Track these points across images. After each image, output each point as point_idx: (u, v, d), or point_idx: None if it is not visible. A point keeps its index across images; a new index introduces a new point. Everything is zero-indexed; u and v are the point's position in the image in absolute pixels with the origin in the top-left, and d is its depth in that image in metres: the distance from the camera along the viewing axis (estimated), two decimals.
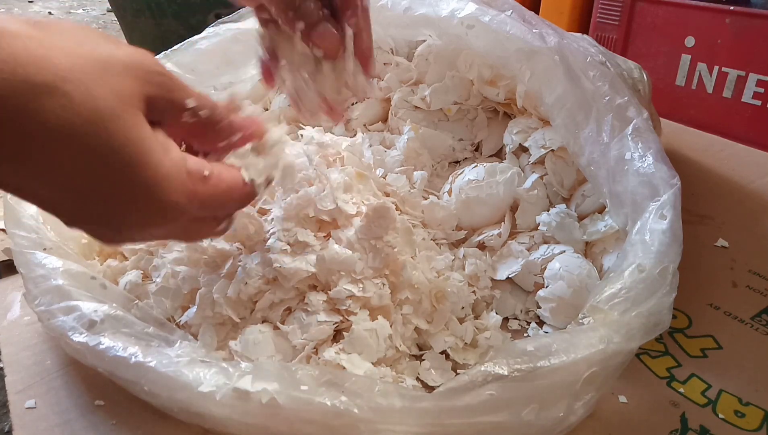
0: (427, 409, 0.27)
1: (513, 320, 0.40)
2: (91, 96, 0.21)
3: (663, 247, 0.32)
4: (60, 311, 0.33)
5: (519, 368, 0.27)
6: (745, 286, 0.44)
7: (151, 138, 0.23)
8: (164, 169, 0.23)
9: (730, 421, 0.33)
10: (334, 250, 0.34)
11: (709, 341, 0.39)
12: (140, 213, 0.24)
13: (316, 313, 0.33)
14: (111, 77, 0.22)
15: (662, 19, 0.72)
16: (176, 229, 0.26)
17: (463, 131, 0.50)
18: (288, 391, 0.27)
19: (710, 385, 0.36)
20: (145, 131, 0.23)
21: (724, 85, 0.68)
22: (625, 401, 0.34)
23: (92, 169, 0.22)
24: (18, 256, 0.36)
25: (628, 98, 0.38)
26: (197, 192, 0.25)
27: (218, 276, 0.35)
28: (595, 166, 0.39)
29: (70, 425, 0.33)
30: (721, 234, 0.49)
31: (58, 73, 0.21)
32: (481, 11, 0.41)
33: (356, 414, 0.26)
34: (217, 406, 0.28)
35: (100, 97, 0.22)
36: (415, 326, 0.36)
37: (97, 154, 0.22)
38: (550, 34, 0.40)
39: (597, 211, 0.43)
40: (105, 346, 0.30)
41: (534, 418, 0.27)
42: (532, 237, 0.42)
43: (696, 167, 0.59)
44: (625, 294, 0.30)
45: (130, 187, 0.23)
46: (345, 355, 0.32)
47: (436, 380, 0.34)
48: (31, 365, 0.37)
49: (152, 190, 0.23)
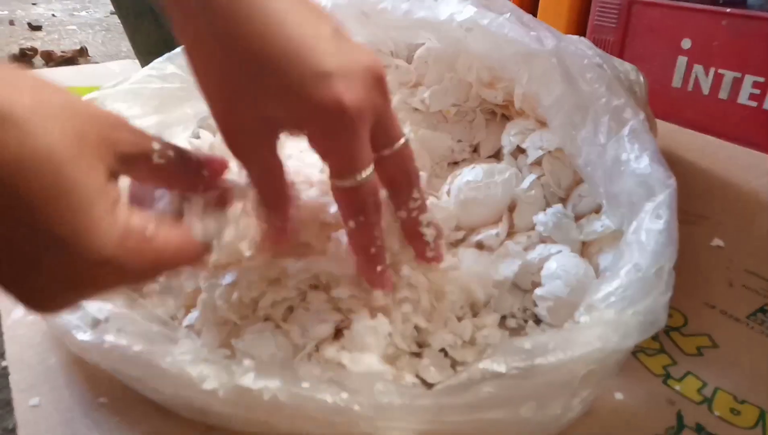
0: (426, 406, 0.27)
1: (511, 319, 0.41)
2: (50, 133, 0.20)
3: (659, 246, 0.32)
4: None
5: (517, 366, 0.28)
6: (740, 285, 0.44)
7: (103, 188, 0.22)
8: (107, 222, 0.22)
9: (725, 419, 0.34)
10: (335, 251, 0.35)
11: (704, 340, 0.39)
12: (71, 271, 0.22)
13: (317, 311, 0.34)
14: (77, 121, 0.21)
15: (659, 21, 0.72)
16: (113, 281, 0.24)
17: (461, 133, 0.51)
18: (290, 388, 0.27)
19: (706, 383, 0.36)
20: (99, 179, 0.22)
21: (720, 87, 0.69)
22: (621, 398, 0.35)
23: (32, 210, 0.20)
24: None
25: (625, 100, 0.38)
26: (137, 250, 0.23)
27: (219, 282, 0.35)
28: (591, 167, 0.39)
29: (73, 423, 0.33)
30: (717, 234, 0.50)
31: (16, 106, 0.19)
32: (480, 14, 0.42)
33: (357, 411, 0.27)
34: (220, 403, 0.28)
35: (59, 136, 0.20)
36: (414, 324, 0.36)
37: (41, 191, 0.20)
38: (548, 37, 0.40)
39: (594, 211, 0.43)
40: (109, 345, 0.31)
41: (532, 415, 0.28)
42: (530, 237, 0.43)
43: (692, 168, 0.60)
44: (622, 293, 0.31)
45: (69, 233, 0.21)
46: (346, 353, 0.32)
47: (435, 377, 0.34)
48: (35, 364, 0.37)
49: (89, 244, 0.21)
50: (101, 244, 0.22)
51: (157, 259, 0.25)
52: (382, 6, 0.45)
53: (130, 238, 0.23)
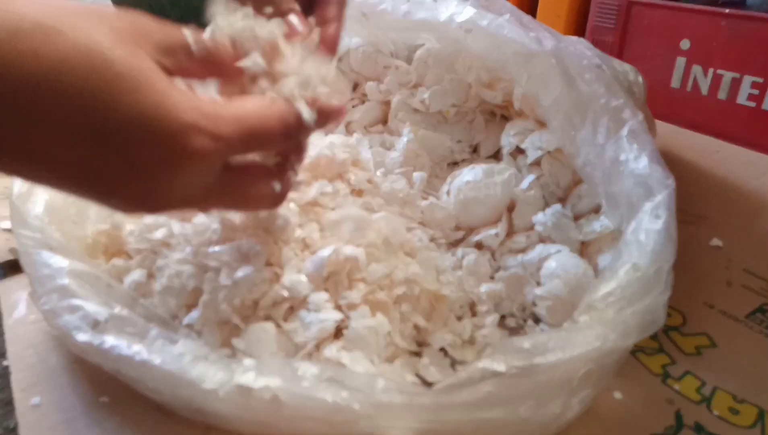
0: (426, 405, 0.27)
1: (510, 318, 0.41)
2: (85, 32, 0.19)
3: (658, 246, 0.32)
4: (65, 310, 0.33)
5: (516, 365, 0.28)
6: (739, 284, 0.45)
7: (155, 67, 0.21)
8: (174, 93, 0.20)
9: (724, 418, 0.34)
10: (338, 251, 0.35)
11: (703, 339, 0.40)
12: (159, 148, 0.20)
13: (317, 311, 0.34)
14: (106, 19, 0.20)
15: (658, 22, 0.72)
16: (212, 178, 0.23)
17: (461, 133, 0.51)
18: (290, 388, 0.27)
19: (705, 382, 0.36)
20: (147, 61, 0.21)
21: (719, 87, 0.69)
22: (620, 398, 0.35)
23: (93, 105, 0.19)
24: (23, 256, 0.36)
25: (624, 100, 0.38)
26: (221, 114, 0.21)
27: (221, 284, 0.35)
28: (590, 167, 0.39)
29: (74, 422, 0.33)
30: (715, 233, 0.50)
31: (39, 15, 0.19)
32: (479, 15, 0.42)
33: (357, 410, 0.27)
34: (220, 403, 0.28)
35: (95, 33, 0.19)
36: (414, 323, 0.36)
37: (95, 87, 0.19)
38: (547, 38, 0.40)
39: (593, 211, 0.43)
40: (109, 345, 0.31)
41: (531, 415, 0.28)
42: (529, 236, 0.43)
43: (691, 168, 0.60)
44: (621, 292, 0.31)
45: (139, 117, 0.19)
46: (346, 353, 0.32)
47: (435, 377, 0.34)
48: (37, 363, 0.37)
49: (165, 114, 0.20)
50: (179, 111, 0.20)
51: (241, 121, 0.23)
52: (382, 7, 0.45)
53: (204, 104, 0.21)
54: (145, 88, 0.20)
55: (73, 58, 0.19)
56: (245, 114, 0.23)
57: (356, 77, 0.53)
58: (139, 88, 0.20)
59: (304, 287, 0.35)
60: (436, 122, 0.51)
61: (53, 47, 0.18)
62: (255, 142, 0.24)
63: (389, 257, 0.38)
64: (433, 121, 0.51)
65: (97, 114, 0.19)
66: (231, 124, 0.22)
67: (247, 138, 0.23)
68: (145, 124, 0.20)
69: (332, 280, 0.36)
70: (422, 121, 0.51)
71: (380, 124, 0.54)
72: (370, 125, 0.54)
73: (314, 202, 0.41)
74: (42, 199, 0.39)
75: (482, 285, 0.41)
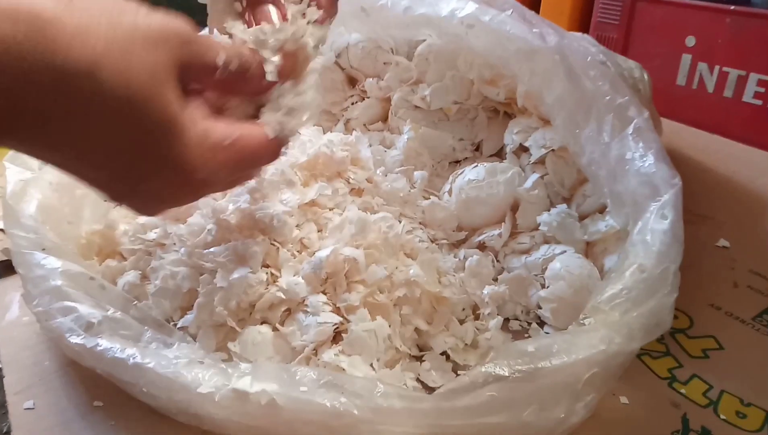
0: (427, 410, 0.27)
1: (514, 321, 0.40)
2: (125, 79, 0.22)
3: (664, 247, 0.32)
4: (58, 312, 0.32)
5: (520, 369, 0.27)
6: (746, 286, 0.44)
7: (181, 116, 0.24)
8: (191, 150, 0.25)
9: (731, 422, 0.33)
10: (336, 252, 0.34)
11: (710, 342, 0.39)
12: (173, 187, 0.26)
13: (315, 314, 0.33)
14: (145, 53, 0.23)
15: (663, 18, 0.71)
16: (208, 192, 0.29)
17: (463, 131, 0.50)
18: (287, 392, 0.27)
19: (711, 385, 0.35)
20: (175, 109, 0.24)
21: (725, 85, 0.68)
22: (626, 402, 0.34)
23: (127, 146, 0.23)
24: (17, 257, 0.36)
25: (629, 98, 0.38)
26: (222, 162, 0.26)
27: (216, 286, 0.35)
28: (595, 165, 0.38)
29: (68, 426, 0.33)
30: (722, 234, 0.49)
31: (92, 58, 0.22)
32: (482, 11, 0.41)
33: (356, 415, 0.26)
34: (216, 407, 0.28)
35: (133, 78, 0.22)
36: (414, 327, 0.36)
37: (131, 133, 0.23)
38: (551, 34, 0.40)
39: (598, 211, 0.42)
40: (103, 348, 0.30)
41: (535, 419, 0.27)
42: (533, 237, 0.42)
43: (696, 167, 0.59)
44: (626, 294, 0.30)
45: (163, 164, 0.24)
46: (345, 357, 0.32)
47: (437, 381, 0.34)
48: (30, 366, 0.36)
49: (182, 168, 0.25)
50: (194, 168, 0.25)
51: (239, 164, 0.27)
52: (382, 2, 0.45)
53: (218, 152, 0.26)
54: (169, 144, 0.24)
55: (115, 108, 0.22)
56: (244, 157, 0.27)
57: (356, 74, 0.53)
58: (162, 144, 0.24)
59: (301, 289, 0.34)
60: (437, 120, 0.50)
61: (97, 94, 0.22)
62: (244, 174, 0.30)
63: (389, 258, 0.37)
64: (434, 118, 0.50)
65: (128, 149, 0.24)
66: (232, 169, 0.27)
67: (240, 173, 0.29)
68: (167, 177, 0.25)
69: (331, 281, 0.35)
70: (423, 119, 0.50)
71: (380, 121, 0.53)
72: (370, 123, 0.53)
73: (313, 202, 0.40)
74: (35, 199, 0.39)
75: (485, 287, 0.40)
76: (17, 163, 0.41)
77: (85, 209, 0.42)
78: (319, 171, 0.43)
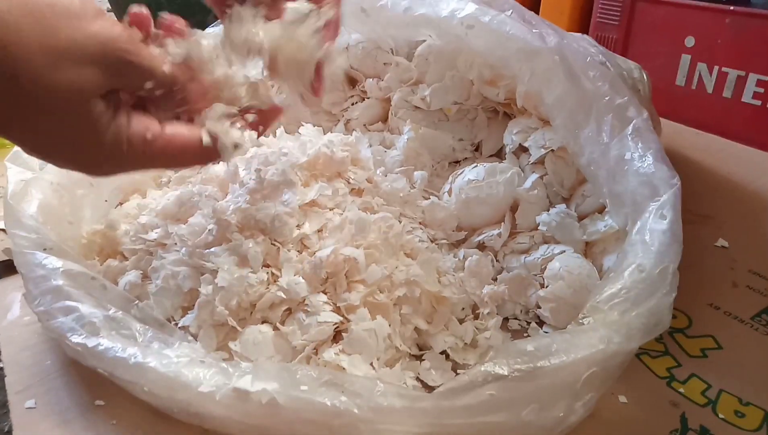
0: (427, 409, 0.27)
1: (513, 320, 0.40)
2: (52, 90, 0.24)
3: (663, 247, 0.32)
4: (59, 312, 0.33)
5: (519, 368, 0.27)
6: (745, 286, 0.44)
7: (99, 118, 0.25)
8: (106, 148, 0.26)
9: (730, 421, 0.33)
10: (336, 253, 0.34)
11: (709, 341, 0.39)
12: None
13: (316, 313, 0.33)
14: (69, 69, 0.24)
15: (662, 19, 0.71)
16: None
17: (463, 131, 0.50)
18: (288, 391, 0.27)
19: (710, 385, 0.36)
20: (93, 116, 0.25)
21: (724, 85, 0.68)
22: (625, 401, 0.34)
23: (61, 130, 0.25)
24: (18, 257, 0.36)
25: (628, 98, 0.38)
26: (141, 153, 0.27)
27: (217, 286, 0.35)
28: (595, 166, 0.39)
29: (70, 425, 0.33)
30: (721, 234, 0.49)
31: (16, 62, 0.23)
32: (481, 11, 0.41)
33: (356, 414, 0.26)
34: (217, 406, 0.28)
35: (61, 92, 0.24)
36: (414, 326, 0.36)
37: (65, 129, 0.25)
38: (550, 34, 0.40)
39: (597, 211, 0.42)
40: (104, 347, 0.30)
41: (534, 418, 0.27)
42: (532, 237, 0.42)
43: (696, 167, 0.59)
44: (625, 294, 0.30)
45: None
46: (345, 356, 0.32)
47: (436, 380, 0.34)
48: (31, 365, 0.37)
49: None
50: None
51: (160, 158, 0.28)
52: (382, 3, 0.45)
53: (133, 147, 0.27)
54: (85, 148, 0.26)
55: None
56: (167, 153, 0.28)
57: (356, 74, 0.53)
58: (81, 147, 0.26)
59: (302, 289, 0.34)
60: (437, 120, 0.50)
61: None
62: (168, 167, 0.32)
63: (389, 258, 0.37)
64: (434, 118, 0.50)
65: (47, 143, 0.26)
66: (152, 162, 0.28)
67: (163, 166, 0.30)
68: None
69: (331, 281, 0.35)
70: (423, 119, 0.50)
71: (380, 122, 0.53)
72: (370, 123, 0.54)
73: (313, 202, 0.40)
74: (36, 199, 0.39)
75: (484, 286, 0.40)
76: (18, 163, 0.41)
77: (86, 209, 0.43)
78: (319, 171, 0.43)
